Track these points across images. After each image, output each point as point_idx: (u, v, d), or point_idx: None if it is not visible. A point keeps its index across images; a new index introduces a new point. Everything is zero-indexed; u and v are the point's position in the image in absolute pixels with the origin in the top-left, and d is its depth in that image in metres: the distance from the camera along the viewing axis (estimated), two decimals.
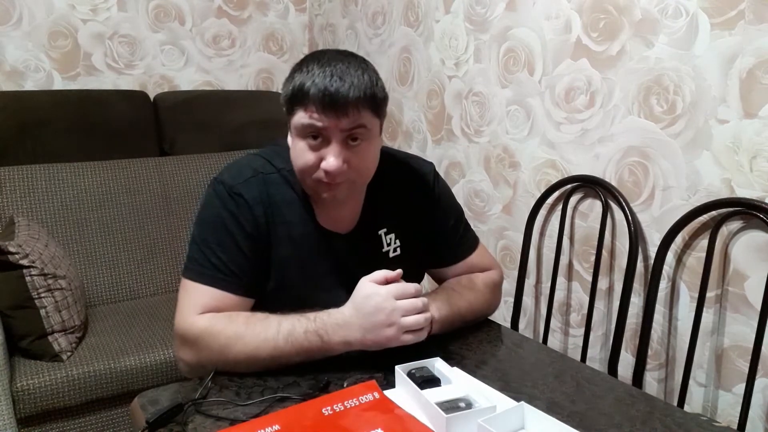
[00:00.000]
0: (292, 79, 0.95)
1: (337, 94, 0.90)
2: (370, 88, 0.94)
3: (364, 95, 0.92)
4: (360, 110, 0.93)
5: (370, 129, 0.96)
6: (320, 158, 0.94)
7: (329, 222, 1.06)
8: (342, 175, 0.95)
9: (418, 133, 2.27)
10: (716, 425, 1.03)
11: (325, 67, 0.92)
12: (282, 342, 0.91)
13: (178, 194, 2.23)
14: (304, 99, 0.92)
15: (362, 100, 0.92)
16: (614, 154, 1.56)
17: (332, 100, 0.90)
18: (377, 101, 0.96)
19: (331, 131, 0.93)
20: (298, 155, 0.97)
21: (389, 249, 1.11)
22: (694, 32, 1.35)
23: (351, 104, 0.91)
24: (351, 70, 0.93)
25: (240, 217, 1.00)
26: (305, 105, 0.92)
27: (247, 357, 0.92)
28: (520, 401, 0.82)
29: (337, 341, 0.92)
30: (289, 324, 0.92)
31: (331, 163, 0.93)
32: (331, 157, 0.93)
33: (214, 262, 0.98)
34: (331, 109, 0.91)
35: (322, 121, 0.92)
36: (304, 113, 0.93)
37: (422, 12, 2.16)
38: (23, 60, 2.27)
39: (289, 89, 0.95)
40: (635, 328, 1.56)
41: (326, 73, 0.91)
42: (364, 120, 0.94)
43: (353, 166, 0.96)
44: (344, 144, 0.94)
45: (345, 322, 0.92)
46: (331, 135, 0.93)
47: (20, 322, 1.63)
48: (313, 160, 0.95)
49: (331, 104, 0.90)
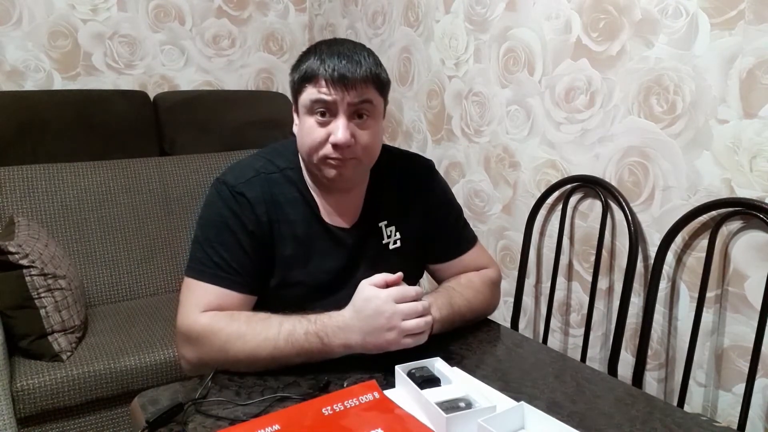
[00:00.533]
0: (301, 63, 1.01)
1: (345, 69, 0.96)
2: (376, 67, 1.01)
3: (370, 72, 0.99)
4: (367, 85, 0.98)
5: (376, 106, 1.02)
6: (328, 134, 0.99)
7: (332, 217, 1.07)
8: (350, 150, 0.99)
9: (418, 133, 2.27)
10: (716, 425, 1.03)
11: (333, 49, 0.99)
12: (282, 342, 0.92)
13: (178, 194, 2.23)
14: (313, 76, 0.98)
15: (369, 77, 0.98)
16: (614, 154, 1.56)
17: (341, 75, 0.96)
18: (382, 81, 1.02)
19: (339, 105, 0.97)
20: (306, 133, 1.00)
21: (389, 241, 1.12)
22: (694, 32, 1.35)
23: (359, 79, 0.97)
24: (357, 51, 1.00)
25: (242, 216, 1.01)
26: (315, 81, 0.97)
27: (248, 356, 0.92)
28: (520, 401, 0.82)
29: (338, 344, 0.92)
30: (290, 325, 0.93)
31: (339, 135, 0.97)
32: (340, 130, 0.97)
33: (217, 261, 0.99)
34: (340, 83, 0.96)
35: (331, 95, 0.97)
36: (313, 89, 0.98)
37: (422, 12, 2.16)
38: (23, 60, 2.27)
39: (299, 71, 1.01)
40: (635, 328, 1.56)
41: (334, 53, 0.98)
42: (370, 95, 0.99)
43: (359, 143, 1.00)
44: (351, 119, 0.99)
45: (345, 324, 0.92)
46: (339, 108, 0.98)
47: (20, 322, 1.63)
48: (322, 135, 0.99)
49: (340, 79, 0.96)
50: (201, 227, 1.03)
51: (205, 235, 1.02)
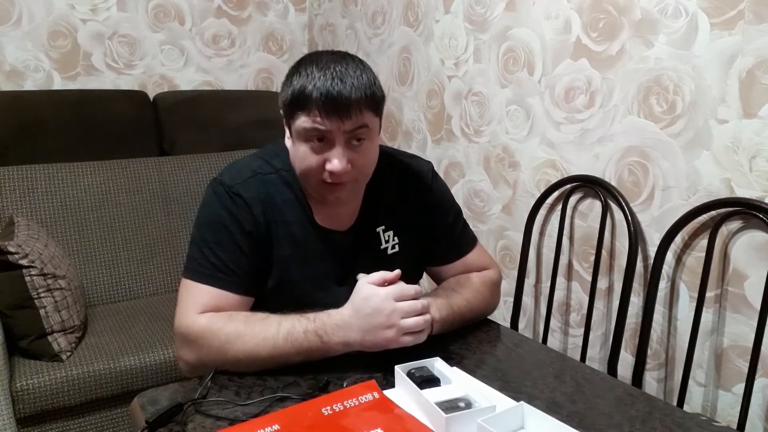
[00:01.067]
0: (290, 83, 0.95)
1: (339, 96, 0.91)
2: (370, 87, 0.95)
3: (364, 96, 0.93)
4: (362, 111, 0.94)
5: (372, 128, 0.98)
6: (324, 160, 0.95)
7: (328, 220, 1.07)
8: (346, 175, 0.96)
9: (418, 133, 2.27)
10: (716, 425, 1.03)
11: (325, 70, 0.93)
12: (281, 341, 0.92)
13: (178, 194, 2.23)
14: (306, 103, 0.92)
15: (363, 101, 0.93)
16: (614, 154, 1.56)
17: (335, 103, 0.91)
18: (377, 100, 0.97)
19: (335, 134, 0.94)
20: (301, 159, 0.97)
21: (387, 246, 1.12)
22: (693, 32, 1.35)
23: (353, 106, 0.92)
24: (350, 71, 0.94)
25: (239, 217, 1.01)
26: (307, 109, 0.93)
27: (247, 356, 0.92)
28: (520, 401, 0.82)
29: (336, 342, 0.92)
30: (288, 324, 0.93)
31: (335, 165, 0.94)
32: (336, 159, 0.94)
33: (214, 262, 0.99)
34: (334, 112, 0.91)
35: (326, 125, 0.92)
36: (306, 118, 0.93)
37: (422, 12, 2.16)
38: (23, 60, 2.27)
39: (288, 93, 0.95)
40: (635, 328, 1.56)
41: (326, 76, 0.92)
42: (366, 120, 0.95)
43: (356, 166, 0.97)
44: (347, 145, 0.95)
45: (344, 322, 0.92)
46: (334, 137, 0.94)
47: (20, 322, 1.63)
48: (316, 162, 0.96)
49: (334, 108, 0.91)
50: (198, 228, 1.03)
51: (202, 235, 1.01)
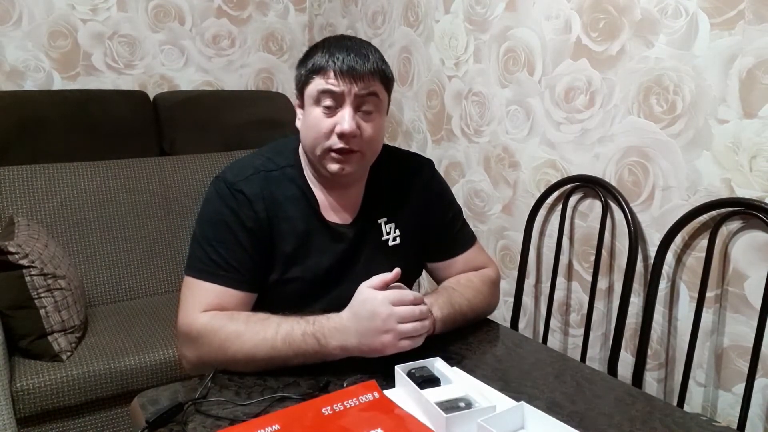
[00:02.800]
0: (308, 57, 1.03)
1: (353, 61, 0.99)
2: (382, 62, 1.04)
3: (377, 66, 1.02)
4: (374, 79, 1.01)
5: (381, 100, 1.04)
6: (334, 124, 1.00)
7: (332, 213, 1.08)
8: (354, 141, 1.00)
9: (418, 133, 2.27)
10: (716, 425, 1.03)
11: (342, 43, 1.02)
12: (280, 343, 0.92)
13: (178, 194, 2.23)
14: (322, 68, 1.00)
15: (376, 71, 1.01)
16: (614, 154, 1.56)
17: (349, 66, 0.99)
18: (387, 76, 1.05)
19: (346, 96, 0.99)
20: (312, 123, 1.01)
21: (389, 238, 1.13)
22: (693, 32, 1.35)
23: (366, 72, 1.00)
24: (365, 46, 1.04)
25: (240, 214, 1.01)
26: (323, 73, 0.99)
27: (245, 356, 0.92)
28: (520, 401, 0.82)
29: (334, 345, 0.92)
30: (288, 325, 0.93)
31: (345, 125, 0.98)
32: (346, 119, 0.99)
33: (215, 259, 0.99)
34: (348, 74, 0.98)
35: (339, 86, 0.98)
36: (321, 80, 0.99)
37: (422, 12, 2.16)
38: (23, 60, 2.26)
39: (307, 64, 1.03)
40: (635, 328, 1.56)
41: (342, 47, 1.01)
42: (376, 88, 1.02)
43: (364, 134, 1.01)
44: (356, 111, 1.01)
45: (342, 326, 0.92)
46: (346, 99, 0.99)
47: (20, 322, 1.63)
48: (328, 126, 1.00)
49: (349, 70, 0.98)
50: (200, 225, 1.04)
51: (204, 233, 1.02)
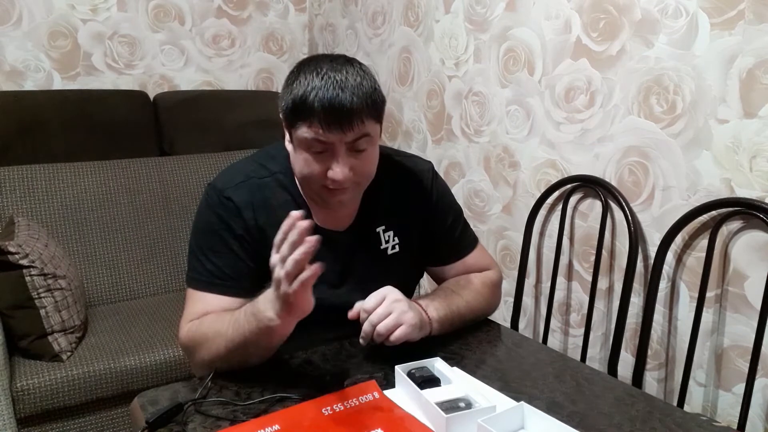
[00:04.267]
0: (290, 90, 0.93)
1: (341, 108, 0.89)
2: (371, 96, 0.92)
3: (366, 105, 0.91)
4: (363, 121, 0.92)
5: (373, 136, 0.96)
6: (326, 168, 0.94)
7: (326, 221, 1.06)
8: (348, 182, 0.96)
9: (418, 133, 2.27)
10: (716, 425, 1.03)
11: (325, 79, 0.90)
12: (231, 332, 0.91)
13: (178, 194, 2.23)
14: (307, 114, 0.90)
15: (365, 111, 0.91)
16: (614, 154, 1.56)
17: (336, 115, 0.89)
18: (378, 108, 0.95)
19: (336, 145, 0.92)
20: (302, 166, 0.97)
21: (387, 246, 1.11)
22: (694, 32, 1.35)
23: (355, 117, 0.90)
24: (350, 79, 0.91)
25: (229, 221, 1.01)
26: (308, 120, 0.91)
27: (211, 356, 0.94)
28: (520, 401, 0.82)
29: (270, 316, 0.85)
30: (238, 313, 0.92)
31: (337, 174, 0.93)
32: (338, 168, 0.93)
33: (210, 269, 1.00)
34: (336, 124, 0.90)
35: (327, 137, 0.91)
36: (307, 129, 0.91)
37: (422, 12, 2.16)
38: (23, 60, 2.26)
39: (289, 101, 0.93)
40: (635, 328, 1.56)
41: (327, 86, 0.89)
42: (368, 129, 0.93)
43: (358, 172, 0.96)
44: (349, 153, 0.94)
45: (271, 293, 0.86)
46: (336, 148, 0.93)
47: (20, 322, 1.63)
48: (318, 170, 0.95)
49: (336, 120, 0.89)
50: (194, 236, 1.04)
51: (197, 243, 1.03)
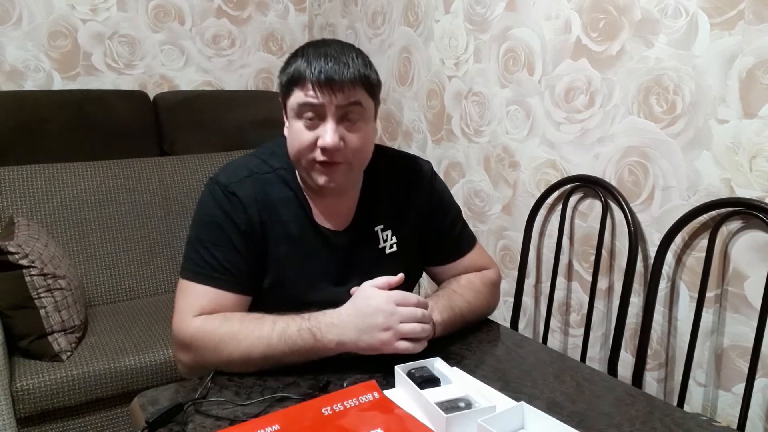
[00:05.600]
0: (288, 66, 0.99)
1: (332, 71, 0.94)
2: (365, 68, 0.98)
3: (358, 73, 0.96)
4: (355, 87, 0.96)
5: (366, 108, 0.99)
6: (317, 137, 0.97)
7: (325, 219, 1.07)
8: (339, 154, 0.97)
9: (418, 133, 2.27)
10: (716, 425, 1.03)
11: (320, 50, 0.96)
12: (275, 340, 0.91)
13: (178, 194, 2.23)
14: (300, 79, 0.95)
15: (357, 79, 0.96)
16: (614, 154, 1.56)
17: (327, 77, 0.94)
18: (371, 82, 0.99)
19: (326, 108, 0.95)
20: (294, 137, 0.99)
21: (385, 245, 1.12)
22: (694, 32, 1.35)
23: (346, 81, 0.94)
24: (345, 52, 0.97)
25: (234, 216, 1.01)
26: (302, 84, 0.95)
27: (241, 356, 0.92)
28: (520, 401, 0.82)
29: (330, 339, 0.91)
30: (283, 323, 0.92)
31: (327, 140, 0.95)
32: (328, 133, 0.95)
33: (210, 261, 0.99)
34: (327, 85, 0.94)
35: (318, 98, 0.94)
36: (300, 92, 0.96)
37: (422, 12, 2.16)
38: (23, 60, 2.26)
39: (286, 73, 0.99)
40: (635, 328, 1.56)
41: (321, 54, 0.95)
42: (359, 97, 0.97)
43: (349, 146, 0.98)
44: (340, 122, 0.97)
45: (340, 321, 0.91)
46: (327, 112, 0.96)
47: (20, 322, 1.63)
48: (309, 139, 0.97)
49: (327, 81, 0.94)
50: (194, 228, 1.03)
51: (198, 235, 1.02)
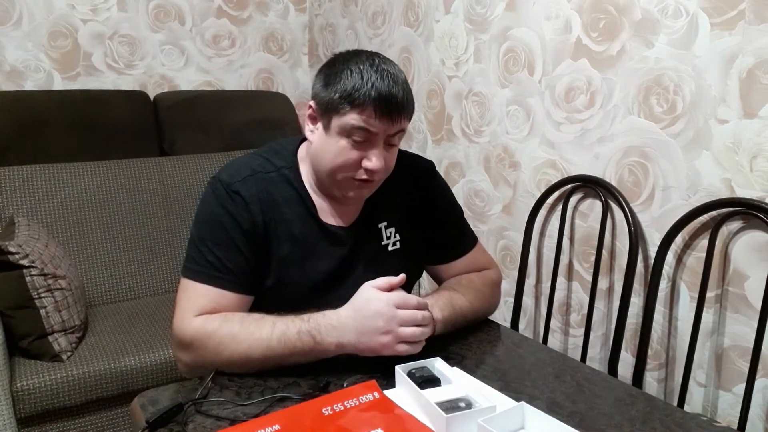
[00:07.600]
0: (339, 80, 0.96)
1: (396, 101, 0.95)
2: (410, 94, 0.99)
3: (410, 101, 0.98)
4: (406, 116, 0.99)
5: (405, 132, 1.02)
6: (361, 157, 0.98)
7: (330, 217, 1.07)
8: (378, 174, 0.99)
9: (418, 133, 2.27)
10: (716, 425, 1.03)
11: (380, 71, 0.95)
12: (275, 342, 0.91)
13: (178, 194, 2.23)
14: (361, 101, 0.94)
15: (409, 107, 0.98)
16: (614, 154, 1.56)
17: (390, 106, 0.94)
18: (413, 108, 1.02)
19: (380, 135, 0.97)
20: (336, 152, 0.98)
21: (388, 242, 1.12)
22: (694, 32, 1.35)
23: (403, 111, 0.97)
24: (399, 75, 0.98)
25: (237, 215, 1.00)
26: (361, 107, 0.94)
27: (241, 357, 0.92)
28: (520, 401, 0.82)
29: (330, 342, 0.91)
30: (283, 324, 0.92)
31: (375, 163, 0.97)
32: (375, 158, 0.97)
33: (211, 260, 0.99)
34: (387, 114, 0.95)
35: (376, 127, 0.95)
36: (358, 116, 0.95)
37: (422, 12, 2.16)
38: (23, 60, 2.27)
39: (338, 89, 0.95)
40: (635, 328, 1.56)
41: (383, 78, 0.95)
42: (405, 125, 1.00)
43: (386, 165, 1.00)
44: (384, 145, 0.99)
45: (340, 323, 0.91)
46: (378, 138, 0.97)
47: (20, 322, 1.63)
48: (354, 158, 0.98)
49: (388, 111, 0.94)
50: (196, 226, 1.03)
51: (200, 234, 1.01)
